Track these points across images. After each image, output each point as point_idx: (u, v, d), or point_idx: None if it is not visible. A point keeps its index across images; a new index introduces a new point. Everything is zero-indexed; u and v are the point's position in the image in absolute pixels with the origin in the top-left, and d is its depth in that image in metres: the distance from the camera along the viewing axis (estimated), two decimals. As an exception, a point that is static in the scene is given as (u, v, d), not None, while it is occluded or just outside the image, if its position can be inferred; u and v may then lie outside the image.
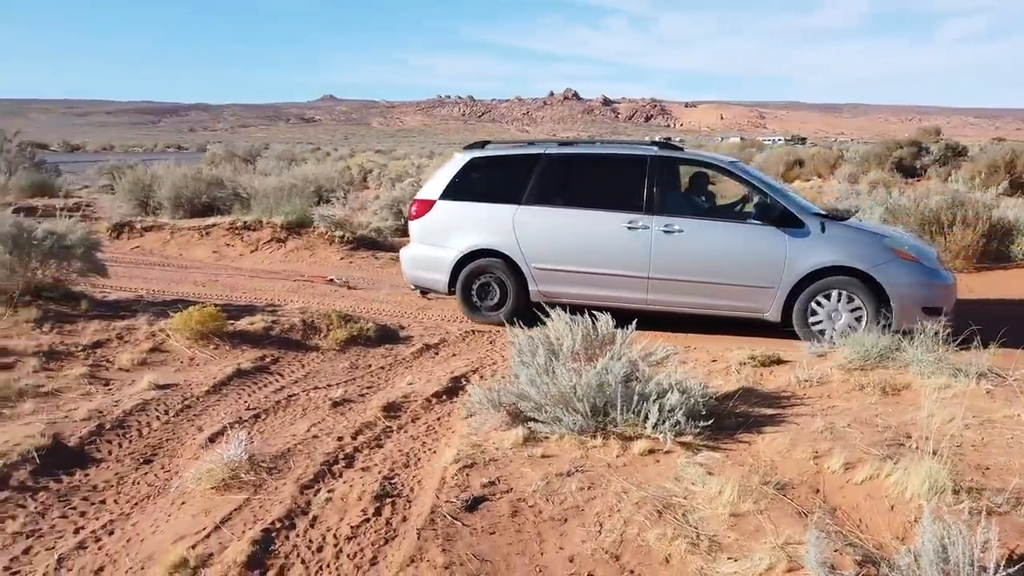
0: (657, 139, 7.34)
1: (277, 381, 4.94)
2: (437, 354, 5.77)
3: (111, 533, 3.10)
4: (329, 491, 3.33)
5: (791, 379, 4.66)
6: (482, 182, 7.01)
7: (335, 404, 4.49)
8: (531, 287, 6.75)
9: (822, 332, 6.01)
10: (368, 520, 3.07)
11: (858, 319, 5.93)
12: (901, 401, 4.11)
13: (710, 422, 3.71)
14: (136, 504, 3.34)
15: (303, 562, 2.80)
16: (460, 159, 7.12)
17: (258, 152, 26.15)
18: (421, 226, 7.10)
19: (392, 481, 3.45)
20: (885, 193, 12.83)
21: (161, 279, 8.62)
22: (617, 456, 3.59)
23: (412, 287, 7.41)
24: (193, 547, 2.85)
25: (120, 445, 3.89)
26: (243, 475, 3.41)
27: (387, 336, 6.09)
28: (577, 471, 3.45)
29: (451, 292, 6.97)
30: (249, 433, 3.97)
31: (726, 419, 3.95)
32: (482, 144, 7.31)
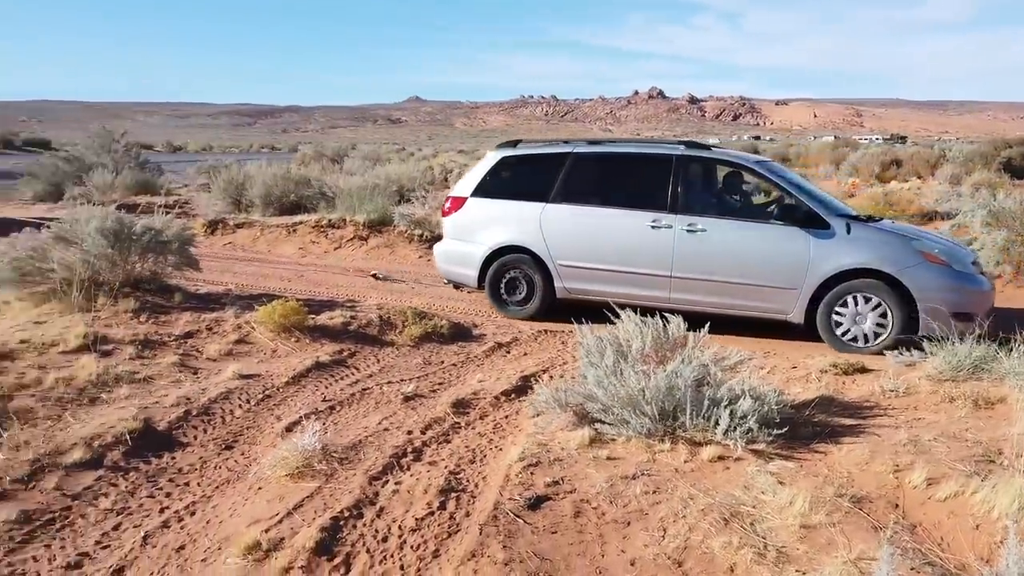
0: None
1: (353, 374, 5.09)
2: (508, 353, 5.81)
3: (193, 514, 3.26)
4: (397, 483, 3.41)
5: (875, 389, 4.46)
6: (512, 180, 7.15)
7: (406, 399, 4.58)
8: (556, 284, 6.85)
9: (845, 334, 5.93)
10: (432, 513, 3.13)
11: (883, 323, 5.81)
12: (994, 415, 3.86)
13: (784, 430, 3.60)
14: (217, 487, 3.51)
15: (368, 551, 2.87)
16: (491, 158, 7.29)
17: (345, 152, 26.95)
18: (453, 222, 7.30)
19: (458, 476, 3.50)
20: (989, 195, 12.07)
21: (249, 274, 9.01)
22: (685, 461, 3.53)
23: (445, 281, 7.61)
24: (266, 531, 2.97)
25: (204, 431, 4.09)
26: (316, 464, 3.53)
27: (460, 334, 6.17)
28: (643, 474, 3.40)
29: (480, 287, 7.13)
30: (324, 424, 4.10)
31: (802, 428, 3.82)
32: (514, 143, 7.43)
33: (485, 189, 7.17)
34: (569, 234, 6.74)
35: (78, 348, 4.97)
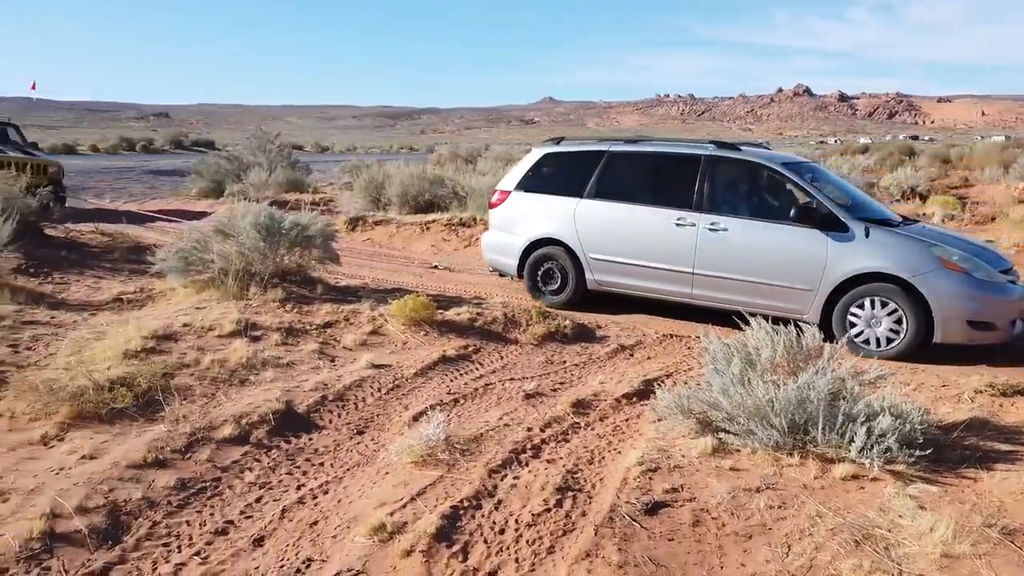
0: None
1: (477, 370, 5.22)
2: (632, 356, 5.75)
3: (326, 493, 3.47)
4: (515, 478, 3.47)
5: (1037, 413, 4.06)
6: (552, 176, 7.48)
7: (528, 396, 4.65)
8: (587, 275, 7.14)
9: (858, 336, 5.89)
10: (549, 510, 3.16)
11: (898, 328, 5.77)
12: None
13: (928, 452, 3.36)
14: (348, 470, 3.71)
15: (485, 541, 2.95)
16: (535, 154, 7.69)
17: (479, 153, 27.59)
18: (498, 214, 7.76)
19: (575, 475, 3.51)
20: None
21: (385, 269, 9.43)
22: (814, 478, 3.36)
23: (490, 269, 8.11)
24: (391, 514, 3.12)
25: (339, 415, 4.34)
26: (439, 454, 3.66)
27: (583, 334, 6.18)
28: (768, 488, 3.28)
29: (520, 276, 7.53)
30: (448, 416, 4.24)
31: (949, 451, 3.55)
32: (557, 140, 7.80)
33: (527, 184, 7.54)
34: (600, 229, 7.02)
35: (231, 333, 5.40)
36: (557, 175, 7.46)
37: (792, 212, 6.15)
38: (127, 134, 47.87)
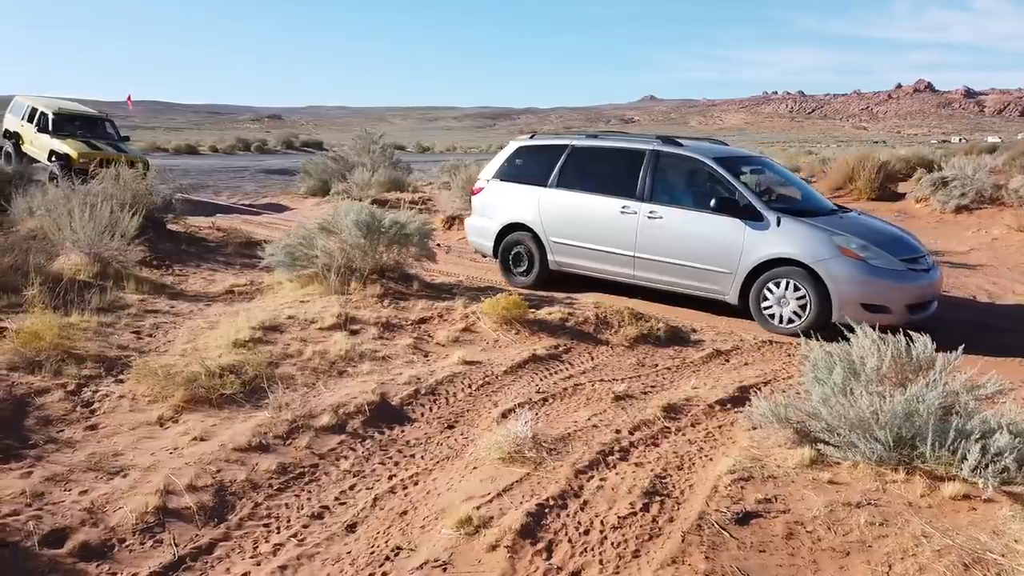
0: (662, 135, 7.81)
1: (566, 369, 5.21)
2: (727, 361, 5.59)
3: (416, 484, 3.56)
4: (601, 479, 3.45)
5: None
6: (523, 167, 8.23)
7: (617, 398, 4.60)
8: (549, 257, 7.88)
9: (771, 316, 6.47)
10: (635, 514, 3.13)
11: (803, 307, 6.30)
12: None
13: (1052, 475, 3.10)
14: (437, 462, 3.79)
15: (570, 541, 2.95)
16: (510, 147, 8.50)
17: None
18: (478, 201, 8.58)
19: (663, 480, 3.46)
20: None
21: (477, 267, 9.55)
22: (921, 495, 3.18)
23: (475, 251, 8.96)
24: (478, 508, 3.17)
25: (431, 409, 4.44)
26: (526, 452, 3.68)
27: (677, 337, 6.06)
28: (869, 504, 3.13)
29: (496, 256, 8.31)
30: (536, 414, 4.26)
31: (1076, 475, 3.26)
32: (531, 135, 8.79)
33: (502, 174, 8.35)
34: (560, 215, 7.73)
35: (332, 326, 5.62)
36: (527, 166, 8.20)
37: (712, 202, 6.69)
38: (243, 135, 50.58)
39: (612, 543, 2.92)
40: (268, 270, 7.31)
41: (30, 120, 16.08)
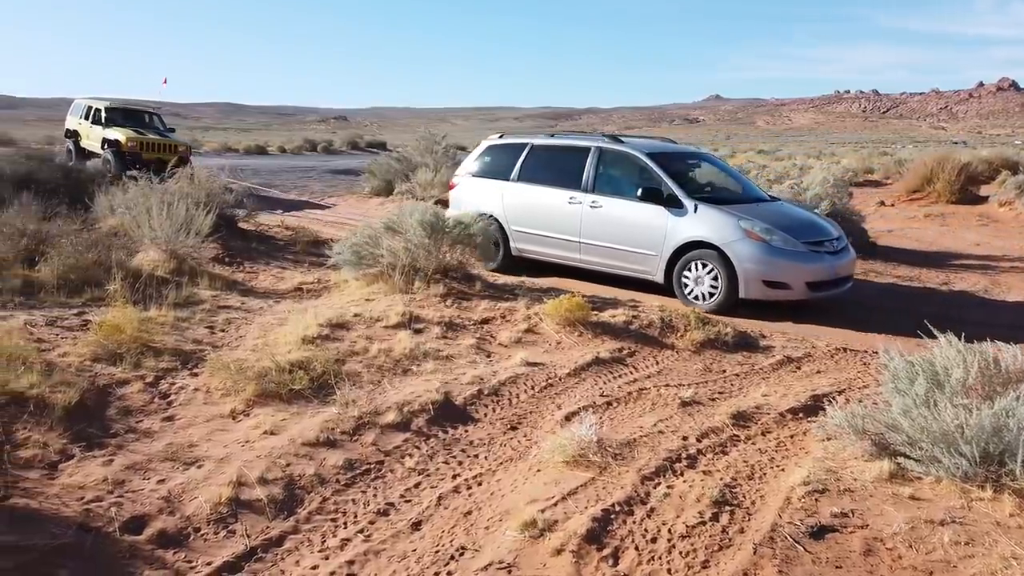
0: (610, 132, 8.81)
1: (630, 373, 5.14)
2: (799, 368, 5.42)
3: (479, 484, 3.56)
4: (668, 487, 3.38)
5: None
6: (491, 164, 8.99)
7: (684, 404, 4.51)
8: (512, 244, 8.61)
9: (690, 293, 7.16)
10: (704, 523, 3.05)
11: (716, 285, 6.97)
12: None
13: None
14: (501, 463, 3.79)
15: (636, 548, 2.89)
16: (481, 146, 9.30)
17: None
18: (454, 195, 9.30)
19: (733, 490, 3.37)
20: None
21: (538, 268, 9.51)
22: (1010, 515, 3.01)
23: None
24: (542, 511, 3.14)
25: (493, 410, 4.44)
26: (591, 456, 3.64)
27: (745, 343, 5.91)
28: (953, 522, 2.98)
29: None
30: (600, 418, 4.21)
31: None
32: (500, 135, 9.52)
33: (474, 170, 9.14)
34: (519, 206, 8.47)
35: (396, 324, 5.69)
36: (494, 163, 8.98)
37: (639, 192, 7.39)
38: (310, 136, 51.83)
39: (680, 552, 2.86)
40: (334, 268, 7.45)
41: (87, 118, 17.72)
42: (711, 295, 6.99)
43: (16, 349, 4.26)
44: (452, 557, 2.92)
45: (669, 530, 3.00)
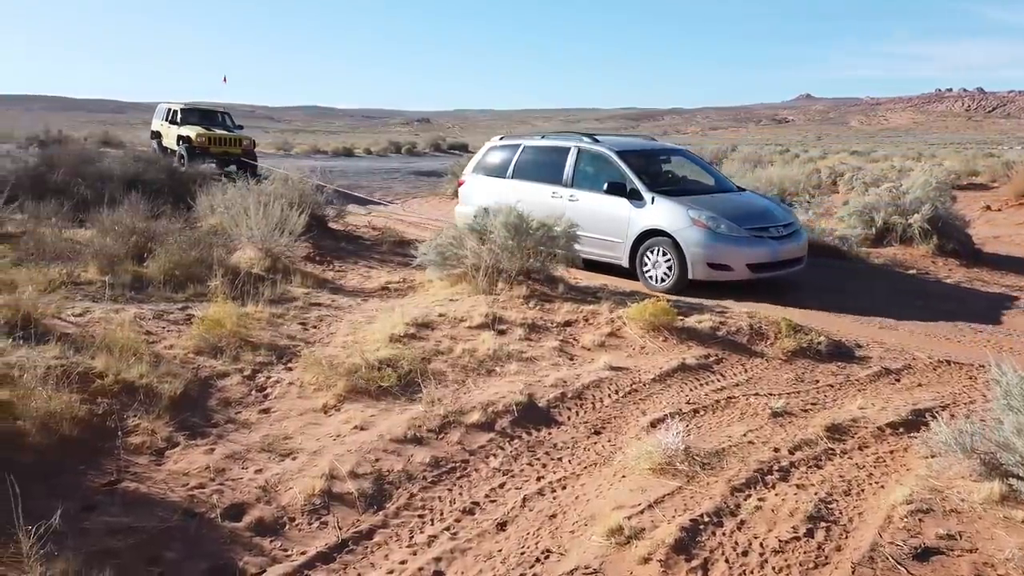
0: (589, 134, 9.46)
1: (718, 381, 5.02)
2: (898, 381, 5.17)
3: (564, 488, 3.55)
4: (760, 499, 3.29)
5: None
6: (491, 163, 9.86)
7: (775, 414, 4.37)
8: None
9: (650, 276, 7.92)
10: (798, 539, 2.95)
11: (670, 268, 7.76)
12: None
13: None
14: (585, 468, 3.77)
15: (727, 561, 2.82)
16: (484, 148, 10.16)
17: (725, 154, 26.60)
18: (462, 191, 10.29)
19: (828, 505, 3.24)
20: None
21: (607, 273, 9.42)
22: None
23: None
24: (629, 518, 3.11)
25: (577, 413, 4.42)
26: (678, 464, 3.58)
27: (839, 352, 5.67)
28: (1074, 552, 2.77)
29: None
30: (687, 425, 4.13)
31: None
32: (501, 137, 10.33)
33: (478, 169, 10.03)
34: (512, 200, 8.56)
35: (480, 325, 5.74)
36: (494, 162, 9.82)
37: (605, 186, 8.20)
38: (394, 138, 52.93)
39: (773, 568, 2.77)
40: (420, 269, 7.58)
41: (166, 119, 19.83)
42: (666, 277, 7.81)
43: (128, 341, 4.53)
44: (537, 559, 2.93)
45: (761, 544, 2.92)
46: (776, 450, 3.83)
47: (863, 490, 3.42)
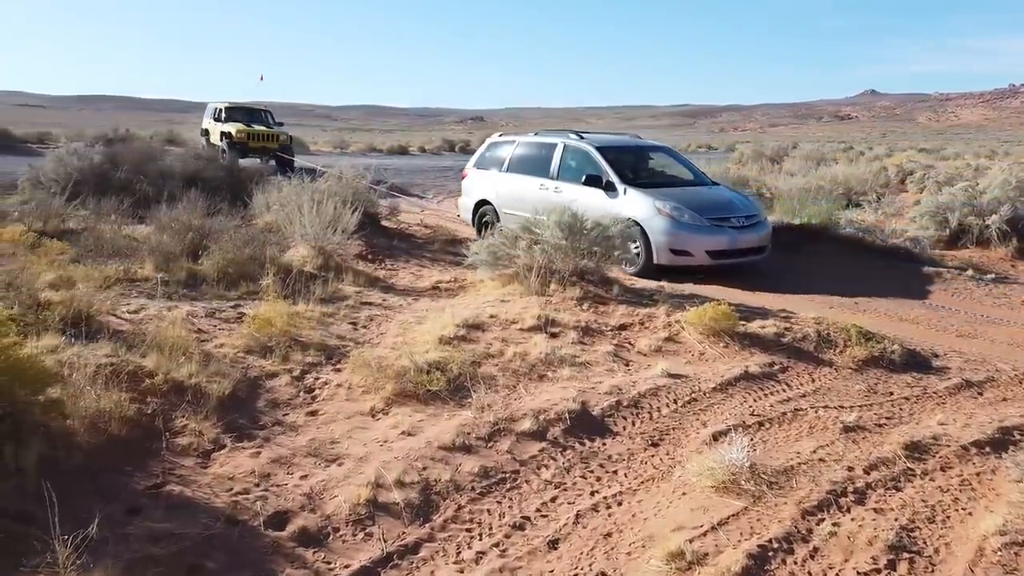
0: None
1: (784, 391, 4.75)
2: (981, 395, 4.80)
3: (619, 504, 3.36)
4: (834, 524, 3.04)
5: None
6: (490, 157, 10.52)
7: (847, 429, 4.09)
8: (500, 224, 9.64)
9: (623, 260, 7.83)
10: (879, 570, 2.71)
11: (639, 254, 8.30)
12: None
13: None
14: (642, 483, 3.57)
15: (798, 594, 2.60)
16: (485, 143, 10.91)
17: (785, 151, 25.83)
18: (464, 184, 10.97)
19: (911, 533, 2.98)
20: None
21: (679, 272, 9.13)
22: None
23: (459, 216, 11.26)
24: (690, 541, 2.91)
25: (633, 423, 4.21)
26: (743, 482, 3.35)
27: (915, 363, 5.32)
28: None
29: (473, 225, 10.55)
30: (751, 440, 3.88)
31: None
32: (499, 134, 11.12)
33: (478, 164, 10.70)
34: (506, 192, 9.98)
35: (532, 328, 5.58)
36: (493, 157, 10.48)
37: (583, 179, 8.84)
38: (448, 136, 53.18)
39: (851, 604, 2.54)
40: (471, 268, 7.46)
41: (213, 117, 21.11)
42: (635, 262, 8.35)
43: (178, 339, 4.51)
44: (591, 583, 2.75)
45: (837, 575, 2.68)
46: (850, 469, 3.56)
47: (948, 517, 3.14)
